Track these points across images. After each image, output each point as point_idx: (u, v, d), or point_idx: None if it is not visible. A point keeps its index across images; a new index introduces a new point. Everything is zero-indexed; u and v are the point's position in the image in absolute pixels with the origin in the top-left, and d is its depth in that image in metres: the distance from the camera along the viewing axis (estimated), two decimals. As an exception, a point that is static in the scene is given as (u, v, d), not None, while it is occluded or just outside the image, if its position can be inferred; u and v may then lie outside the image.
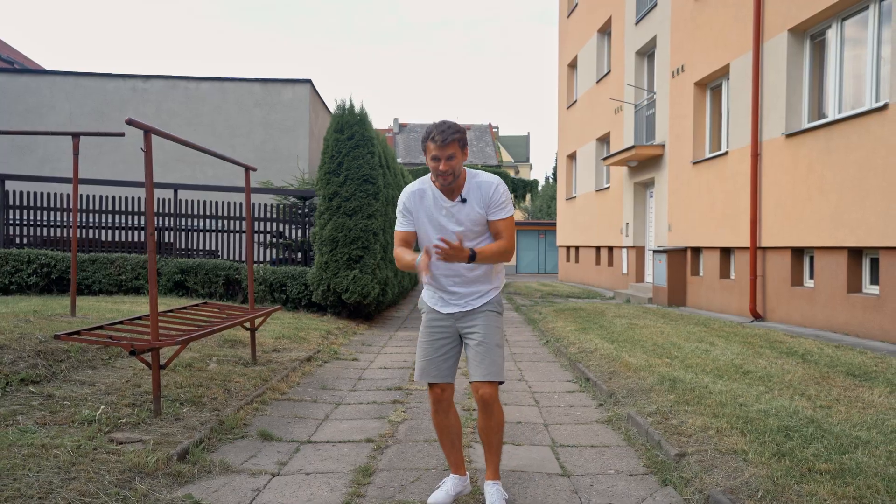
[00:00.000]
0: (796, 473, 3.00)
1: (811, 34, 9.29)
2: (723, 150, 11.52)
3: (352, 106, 10.00)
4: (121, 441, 3.69)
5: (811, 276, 9.15)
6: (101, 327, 4.52)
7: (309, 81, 14.19)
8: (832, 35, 8.86)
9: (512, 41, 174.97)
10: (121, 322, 4.80)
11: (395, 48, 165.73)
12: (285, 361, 6.49)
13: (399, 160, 46.15)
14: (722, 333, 7.84)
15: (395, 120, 54.72)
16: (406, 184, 14.75)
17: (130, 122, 3.89)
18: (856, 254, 8.15)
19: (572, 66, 22.60)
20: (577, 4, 21.73)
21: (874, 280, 7.99)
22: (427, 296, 3.17)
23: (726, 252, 11.43)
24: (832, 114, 8.75)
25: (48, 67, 24.95)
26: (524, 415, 4.84)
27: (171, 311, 5.53)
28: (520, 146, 63.51)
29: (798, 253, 9.38)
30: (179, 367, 5.47)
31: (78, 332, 4.23)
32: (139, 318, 5.03)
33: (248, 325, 6.19)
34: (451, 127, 2.83)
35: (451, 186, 2.93)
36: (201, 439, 3.91)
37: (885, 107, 7.43)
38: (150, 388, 4.78)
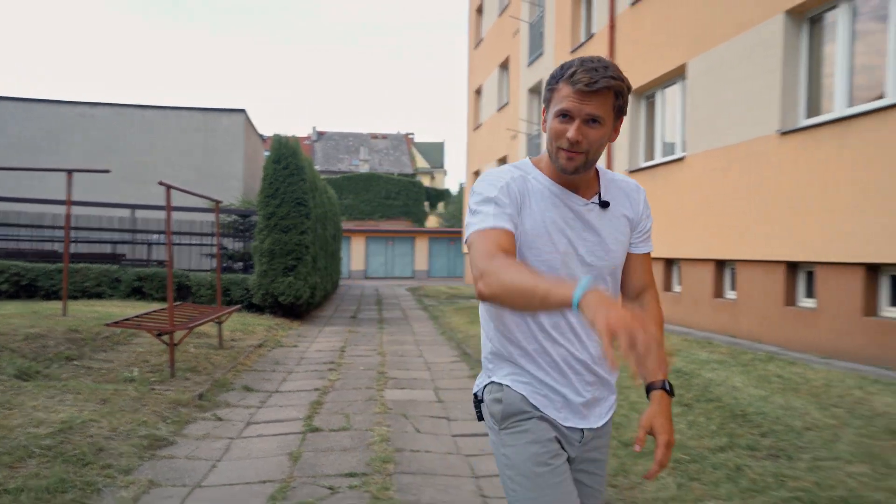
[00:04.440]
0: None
1: (646, 95, 12.23)
2: (589, 179, 14.38)
3: (286, 140, 12.11)
4: (160, 390, 5.78)
5: (678, 283, 11.99)
6: (128, 319, 6.53)
7: (243, 111, 16.10)
8: (658, 99, 11.81)
9: (430, 47, 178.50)
10: (137, 316, 6.81)
11: (312, 50, 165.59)
12: (244, 347, 8.57)
13: (317, 167, 47.75)
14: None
15: (314, 128, 56.24)
16: (331, 201, 16.70)
17: (161, 183, 5.97)
18: (668, 262, 11.07)
19: (478, 92, 25.34)
20: (482, 39, 24.49)
21: (733, 286, 10.48)
22: (517, 383, 1.59)
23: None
24: (657, 158, 11.69)
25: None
26: (420, 375, 7.20)
27: (164, 309, 7.54)
28: (435, 153, 66.22)
29: (668, 263, 12.25)
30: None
31: (118, 322, 6.23)
32: (147, 313, 7.04)
33: (217, 320, 8.25)
34: (608, 67, 1.48)
35: (577, 179, 1.58)
36: (208, 389, 6.04)
37: (682, 158, 10.35)
38: (156, 363, 6.83)
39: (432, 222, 46.59)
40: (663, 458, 1.48)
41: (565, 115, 1.49)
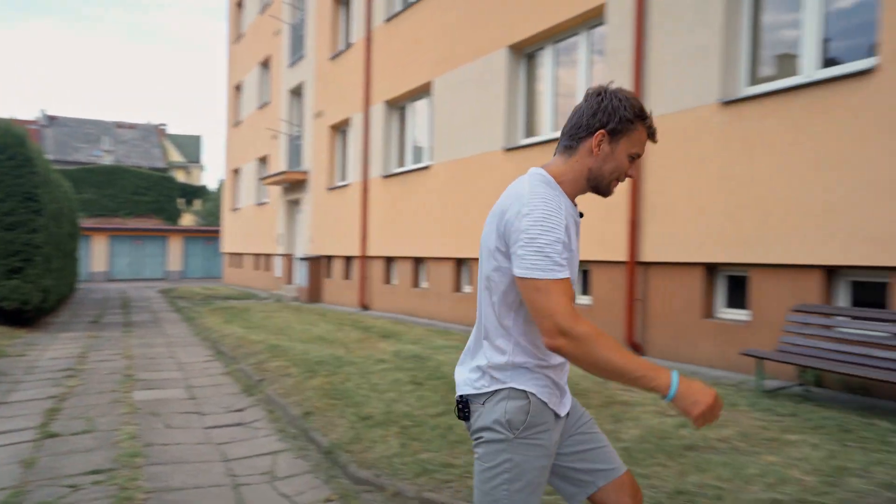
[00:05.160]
0: (308, 375, 5.98)
1: (399, 107, 13.22)
2: (347, 182, 15.04)
3: (12, 127, 10.81)
4: None
5: (396, 277, 13.04)
6: None
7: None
8: (409, 110, 12.86)
9: (188, 33, 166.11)
10: None
11: (39, 21, 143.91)
12: (-43, 359, 7.62)
13: (49, 157, 42.05)
14: (329, 319, 11.06)
15: (43, 111, 49.24)
16: (67, 196, 15.01)
17: None
18: (417, 261, 12.17)
19: (238, 88, 24.66)
20: (243, 34, 23.89)
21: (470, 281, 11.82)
22: (538, 387, 1.73)
23: (349, 259, 14.96)
24: (408, 165, 12.73)
25: None
26: (171, 375, 7.13)
27: None
28: (192, 146, 62.15)
29: (389, 260, 13.21)
30: None
31: None
32: None
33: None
34: None
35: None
36: (-86, 405, 5.39)
37: (429, 167, 11.47)
38: None
39: (188, 220, 43.84)
40: None
41: (637, 157, 1.75)
